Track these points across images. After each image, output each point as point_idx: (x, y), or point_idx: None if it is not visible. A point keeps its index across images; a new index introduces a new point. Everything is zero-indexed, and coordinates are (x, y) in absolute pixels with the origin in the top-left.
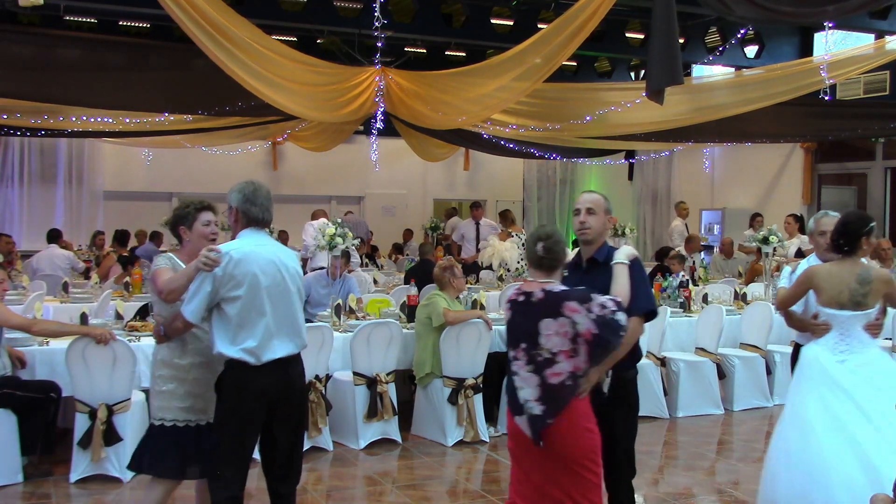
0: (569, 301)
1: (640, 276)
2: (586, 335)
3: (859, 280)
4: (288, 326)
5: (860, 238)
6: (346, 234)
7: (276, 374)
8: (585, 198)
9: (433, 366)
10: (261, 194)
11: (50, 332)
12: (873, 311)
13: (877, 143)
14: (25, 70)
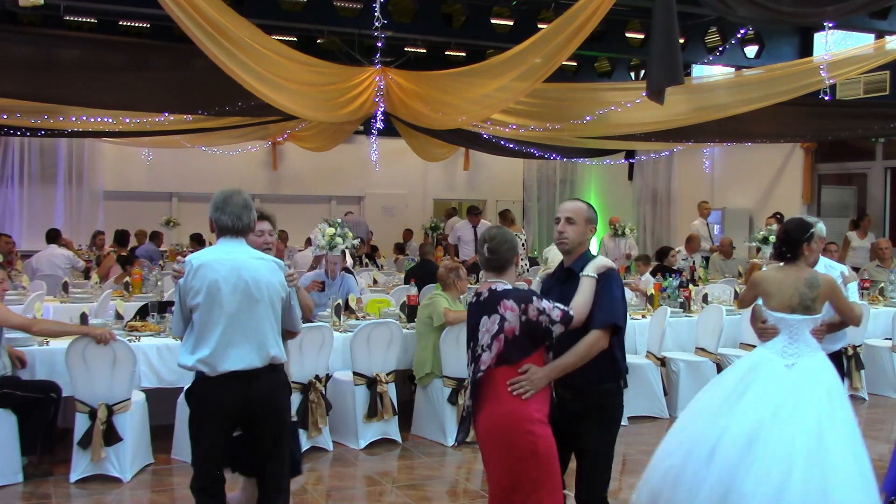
0: (507, 299)
1: (608, 289)
2: (508, 332)
3: (808, 285)
4: (251, 338)
5: (801, 245)
6: (347, 234)
7: (236, 388)
8: (566, 206)
9: (433, 366)
10: (232, 202)
11: (50, 332)
12: (819, 317)
13: (877, 143)
14: (25, 70)
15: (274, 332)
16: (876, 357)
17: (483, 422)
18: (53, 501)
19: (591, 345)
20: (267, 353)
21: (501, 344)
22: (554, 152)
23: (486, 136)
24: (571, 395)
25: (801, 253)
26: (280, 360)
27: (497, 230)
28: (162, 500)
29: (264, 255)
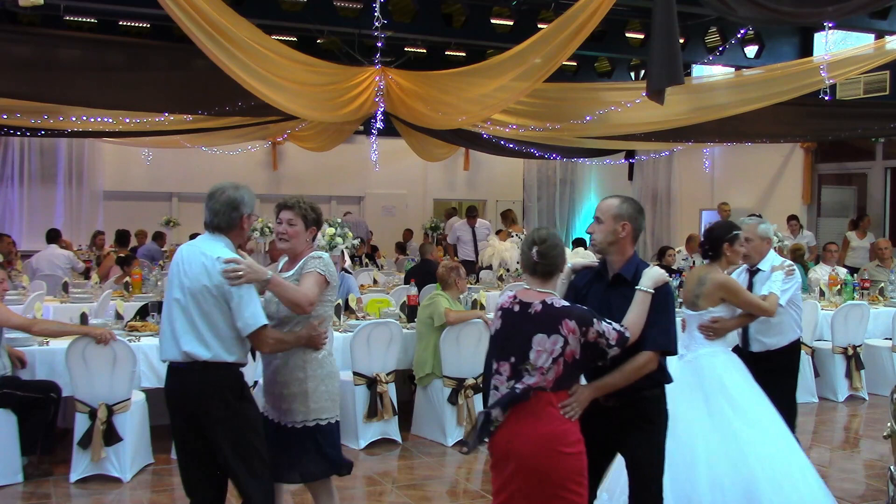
0: (569, 319)
1: (664, 307)
2: (568, 356)
3: (699, 282)
4: (174, 334)
5: (722, 244)
6: (347, 234)
7: (170, 379)
8: (598, 204)
9: (434, 366)
10: (213, 198)
11: (50, 332)
12: (705, 314)
13: (877, 143)
14: (25, 70)
15: (195, 329)
16: (876, 357)
17: (519, 441)
18: (53, 501)
19: (641, 367)
20: (181, 348)
21: (561, 368)
22: (554, 152)
23: (486, 136)
24: (615, 403)
25: (723, 253)
26: (200, 357)
27: (548, 232)
28: (162, 500)
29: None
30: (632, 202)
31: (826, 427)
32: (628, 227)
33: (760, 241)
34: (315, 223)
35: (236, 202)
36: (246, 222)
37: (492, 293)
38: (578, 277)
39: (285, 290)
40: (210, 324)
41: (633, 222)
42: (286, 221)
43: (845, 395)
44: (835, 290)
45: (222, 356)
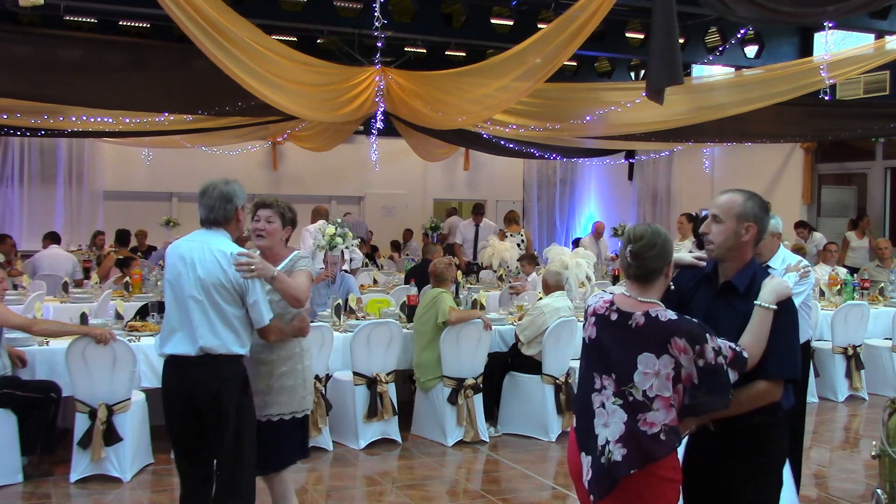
0: (678, 337)
1: (788, 327)
2: (685, 381)
3: None
4: (181, 327)
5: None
6: (346, 234)
7: (174, 373)
8: (716, 200)
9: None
10: (207, 193)
11: (50, 332)
12: None
13: (877, 143)
14: (25, 70)
15: (209, 323)
16: (876, 357)
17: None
18: (53, 501)
19: (759, 397)
20: (197, 343)
21: (681, 396)
22: (554, 152)
23: (486, 136)
24: (716, 429)
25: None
26: (214, 351)
27: (646, 228)
28: (162, 500)
29: (225, 248)
30: (757, 199)
31: (826, 427)
32: (753, 230)
33: (770, 237)
34: (291, 223)
35: (229, 195)
36: (241, 214)
37: (492, 293)
38: (684, 276)
39: (289, 286)
40: (223, 318)
41: (758, 223)
42: (265, 219)
43: (845, 395)
44: (835, 290)
45: (233, 349)
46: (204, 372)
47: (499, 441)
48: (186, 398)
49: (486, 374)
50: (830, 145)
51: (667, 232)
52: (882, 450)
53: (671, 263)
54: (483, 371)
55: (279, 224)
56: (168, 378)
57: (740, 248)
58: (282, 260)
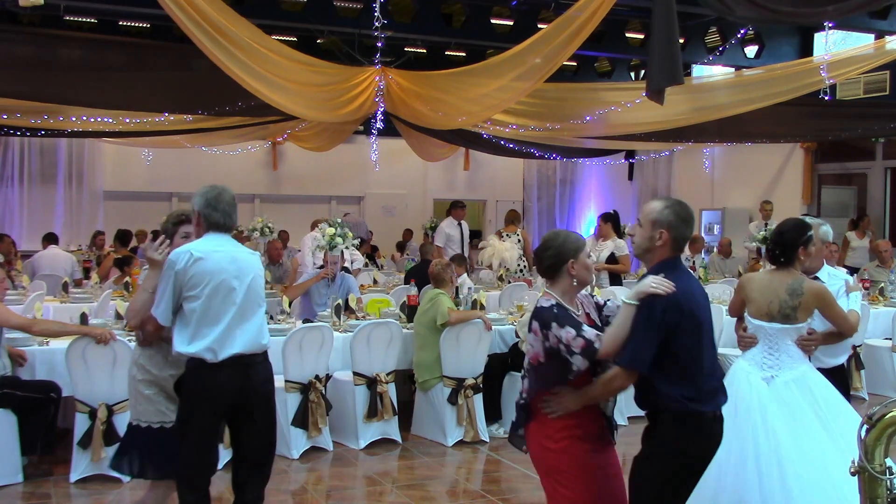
0: (534, 321)
1: (642, 321)
2: (533, 359)
3: (790, 291)
4: (247, 327)
5: (797, 248)
6: (346, 234)
7: (235, 374)
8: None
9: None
10: (223, 199)
11: (50, 332)
12: (802, 326)
13: (877, 143)
14: (25, 70)
15: (261, 321)
16: (876, 357)
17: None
18: (53, 501)
19: (608, 382)
20: (259, 344)
21: (534, 373)
22: (554, 152)
23: (486, 136)
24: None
25: (797, 257)
26: (268, 348)
27: (549, 233)
28: None
29: (244, 248)
30: (677, 208)
31: None
32: (665, 236)
33: (822, 244)
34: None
35: (235, 202)
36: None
37: (492, 293)
38: None
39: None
40: (264, 316)
41: (671, 230)
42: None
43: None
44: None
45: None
46: (260, 371)
47: (499, 441)
48: (244, 397)
49: (486, 374)
50: (830, 145)
51: (568, 235)
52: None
53: (571, 262)
54: (483, 371)
55: None
56: (225, 382)
57: (653, 251)
58: None
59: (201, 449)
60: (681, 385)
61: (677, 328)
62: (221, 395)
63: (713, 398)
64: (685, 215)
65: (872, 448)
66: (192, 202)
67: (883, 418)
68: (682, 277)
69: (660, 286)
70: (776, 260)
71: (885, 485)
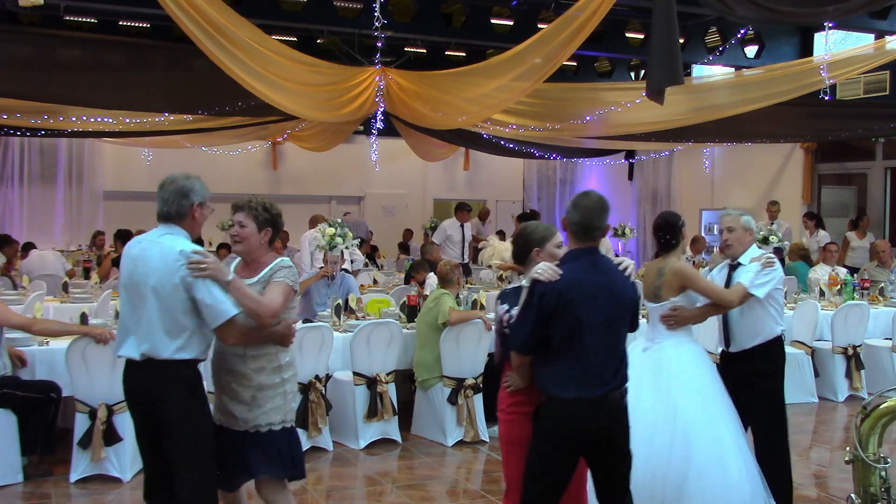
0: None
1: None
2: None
3: (657, 273)
4: (132, 328)
5: (681, 229)
6: (346, 234)
7: (128, 378)
8: None
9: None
10: (165, 186)
11: (50, 332)
12: (665, 304)
13: (877, 143)
14: (25, 70)
15: (154, 326)
16: (876, 357)
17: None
18: (53, 501)
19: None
20: (139, 347)
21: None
22: (554, 152)
23: (486, 136)
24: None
25: (682, 236)
26: (157, 355)
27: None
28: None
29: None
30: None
31: (826, 427)
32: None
33: (744, 231)
34: (269, 224)
35: (185, 190)
36: (197, 211)
37: (492, 293)
38: None
39: (246, 297)
40: (172, 320)
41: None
42: (237, 223)
43: (845, 395)
44: (835, 290)
45: (179, 355)
46: (147, 376)
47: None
48: (133, 403)
49: (486, 374)
50: (830, 145)
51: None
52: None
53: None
54: (483, 371)
55: (253, 227)
56: (125, 379)
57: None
58: (265, 266)
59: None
60: (551, 368)
61: (552, 315)
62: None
63: (578, 386)
64: (577, 201)
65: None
66: None
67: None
68: (577, 268)
69: (544, 273)
70: (669, 244)
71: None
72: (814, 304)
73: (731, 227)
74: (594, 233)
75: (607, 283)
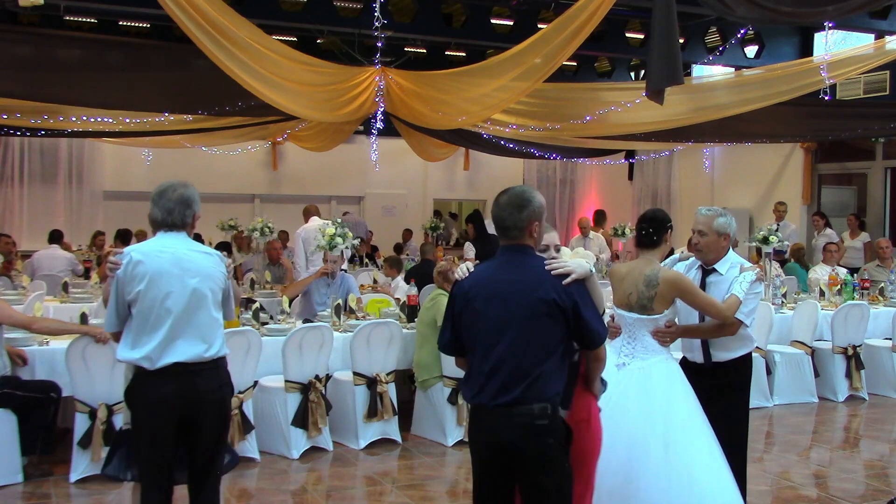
0: None
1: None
2: None
3: (647, 282)
4: (195, 332)
5: (668, 228)
6: (346, 234)
7: (178, 382)
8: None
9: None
10: (166, 196)
11: (50, 331)
12: (661, 317)
13: (877, 143)
14: (25, 70)
15: (219, 325)
16: (876, 357)
17: None
18: (53, 501)
19: None
20: (210, 347)
21: None
22: (554, 152)
23: (486, 136)
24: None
25: (665, 238)
26: (220, 354)
27: None
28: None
29: (206, 248)
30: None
31: (826, 427)
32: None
33: (717, 236)
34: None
35: (189, 200)
36: (196, 220)
37: None
38: None
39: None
40: (217, 321)
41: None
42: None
43: (845, 395)
44: (835, 290)
45: (224, 350)
46: (213, 376)
47: None
48: (189, 407)
49: None
50: (830, 145)
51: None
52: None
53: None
54: None
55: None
56: (166, 389)
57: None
58: None
59: (151, 456)
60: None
61: (460, 314)
62: (165, 404)
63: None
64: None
65: None
66: None
67: None
68: (488, 267)
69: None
70: (650, 239)
71: None
72: (814, 304)
73: (703, 232)
74: (509, 231)
75: (513, 284)
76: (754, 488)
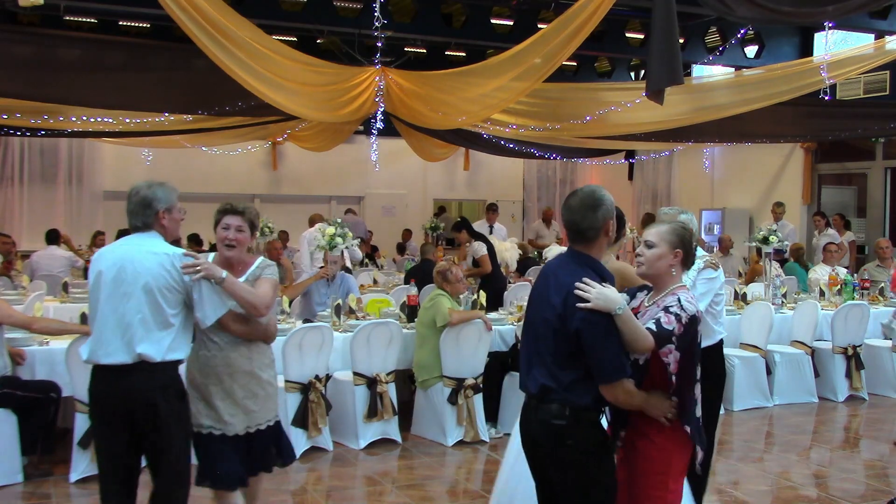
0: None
1: None
2: None
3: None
4: (120, 333)
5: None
6: (346, 234)
7: (108, 383)
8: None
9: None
10: (130, 199)
11: (50, 331)
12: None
13: (877, 143)
14: (25, 70)
15: (146, 327)
16: (876, 357)
17: None
18: (53, 501)
19: None
20: (134, 350)
21: None
22: (554, 152)
23: (486, 136)
24: None
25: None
26: (152, 358)
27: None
28: None
29: (160, 249)
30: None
31: (826, 427)
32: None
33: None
34: (255, 228)
35: (148, 200)
36: (164, 218)
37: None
38: None
39: (243, 290)
40: (163, 322)
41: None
42: (235, 228)
43: (845, 395)
44: (835, 290)
45: (171, 356)
46: (141, 380)
47: (499, 441)
48: (122, 409)
49: (487, 374)
50: (830, 145)
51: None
52: None
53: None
54: (483, 371)
55: (248, 233)
56: (98, 387)
57: None
58: (248, 267)
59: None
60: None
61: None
62: (98, 404)
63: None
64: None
65: None
66: None
67: None
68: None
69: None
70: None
71: None
72: (814, 304)
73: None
74: (586, 233)
75: (540, 290)
76: (754, 488)
